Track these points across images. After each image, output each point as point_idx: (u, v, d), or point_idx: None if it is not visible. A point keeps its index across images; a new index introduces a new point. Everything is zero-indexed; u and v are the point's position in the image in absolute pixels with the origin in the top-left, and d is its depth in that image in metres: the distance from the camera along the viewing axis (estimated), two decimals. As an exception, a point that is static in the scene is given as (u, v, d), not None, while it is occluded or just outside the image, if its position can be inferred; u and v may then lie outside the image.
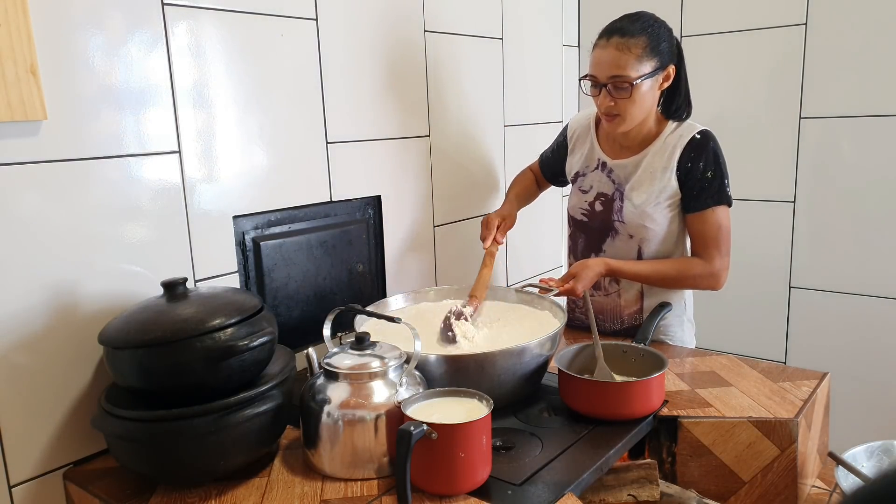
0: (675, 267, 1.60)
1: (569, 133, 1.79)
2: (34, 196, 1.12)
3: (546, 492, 1.05)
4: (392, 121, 1.75)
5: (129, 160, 1.24)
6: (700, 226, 1.57)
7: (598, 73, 1.49)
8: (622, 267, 1.57)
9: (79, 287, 1.19)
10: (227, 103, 1.38)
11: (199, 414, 1.04)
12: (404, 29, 1.75)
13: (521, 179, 1.93)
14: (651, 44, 1.46)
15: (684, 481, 1.29)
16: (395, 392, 1.10)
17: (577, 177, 1.72)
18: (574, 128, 1.78)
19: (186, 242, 1.34)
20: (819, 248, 2.13)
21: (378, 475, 1.11)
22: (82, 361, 1.21)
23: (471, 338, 1.39)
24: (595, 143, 1.69)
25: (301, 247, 1.57)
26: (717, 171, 1.54)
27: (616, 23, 1.49)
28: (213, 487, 1.10)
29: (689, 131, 1.56)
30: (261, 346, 1.08)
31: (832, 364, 2.04)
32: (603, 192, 1.65)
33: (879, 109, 1.97)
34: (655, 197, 1.57)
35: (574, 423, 1.26)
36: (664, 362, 1.28)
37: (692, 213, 1.57)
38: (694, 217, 1.58)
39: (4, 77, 1.03)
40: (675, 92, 1.57)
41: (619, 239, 1.64)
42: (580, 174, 1.71)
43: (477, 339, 1.40)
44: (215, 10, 1.34)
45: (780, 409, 1.28)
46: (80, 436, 1.22)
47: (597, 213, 1.67)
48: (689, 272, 1.58)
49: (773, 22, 2.09)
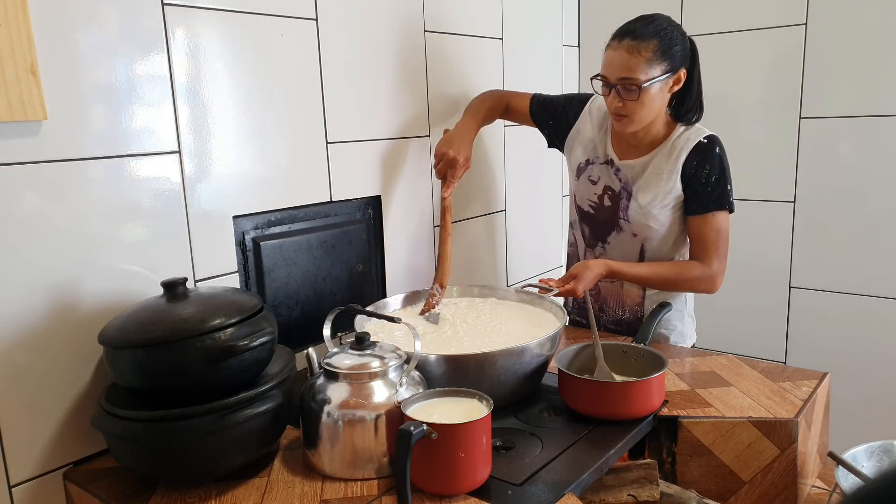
0: (674, 270, 1.61)
1: (589, 108, 1.74)
2: (34, 196, 1.12)
3: (546, 492, 1.05)
4: (392, 121, 1.75)
5: (129, 160, 1.24)
6: (700, 229, 1.58)
7: (609, 73, 1.50)
8: (622, 269, 1.58)
9: (79, 287, 1.19)
10: (227, 103, 1.38)
11: (199, 414, 1.03)
12: (404, 29, 1.75)
13: (487, 100, 1.83)
14: (662, 47, 1.47)
15: (684, 481, 1.29)
16: (395, 392, 1.10)
17: (587, 164, 1.71)
18: (596, 108, 1.72)
19: (186, 242, 1.34)
20: (819, 248, 2.13)
21: (378, 475, 1.11)
22: (82, 361, 1.21)
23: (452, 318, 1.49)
24: (609, 137, 1.68)
25: (301, 247, 1.57)
26: (720, 176, 1.55)
27: (630, 24, 1.50)
28: (213, 487, 1.10)
29: (696, 135, 1.57)
30: (261, 346, 1.08)
31: (832, 364, 2.03)
32: (610, 187, 1.66)
33: (879, 109, 1.97)
34: (661, 199, 1.58)
35: (574, 423, 1.26)
36: (664, 362, 1.28)
37: (693, 215, 1.59)
38: (695, 220, 1.59)
39: (4, 77, 1.03)
40: (687, 94, 1.57)
41: (624, 235, 1.66)
42: (590, 161, 1.70)
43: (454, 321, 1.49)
44: (215, 10, 1.34)
45: (780, 409, 1.28)
46: (80, 436, 1.22)
47: (605, 207, 1.68)
48: (688, 275, 1.60)
49: (773, 22, 2.09)
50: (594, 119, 1.73)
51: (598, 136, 1.71)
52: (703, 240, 1.58)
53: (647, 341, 1.44)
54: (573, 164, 1.75)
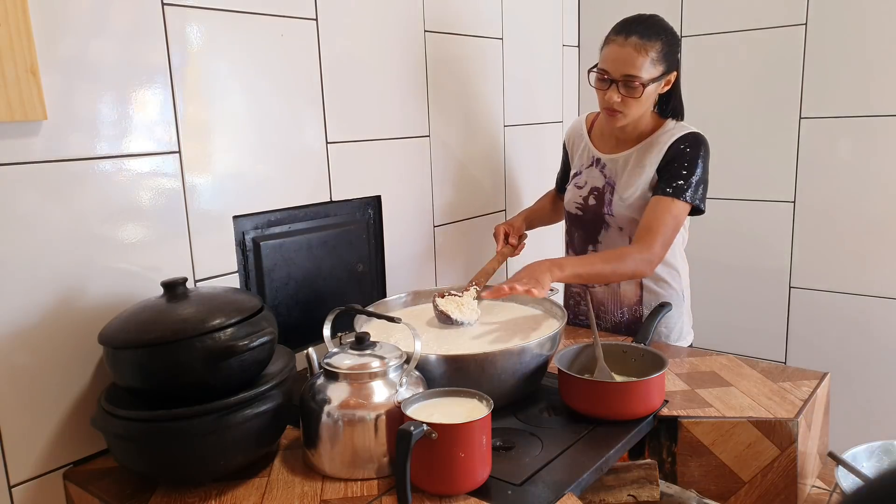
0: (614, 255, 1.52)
1: (567, 144, 1.85)
2: (34, 196, 1.12)
3: (546, 492, 1.05)
4: (392, 121, 1.75)
5: (129, 160, 1.24)
6: (654, 208, 1.54)
7: (612, 68, 1.52)
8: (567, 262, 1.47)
9: (78, 287, 1.19)
10: (227, 103, 1.38)
11: (199, 414, 1.03)
12: (404, 29, 1.75)
13: (540, 199, 1.99)
14: (665, 49, 1.51)
15: (684, 481, 1.29)
16: (395, 392, 1.10)
17: (575, 175, 1.77)
18: (569, 136, 1.84)
19: (186, 242, 1.34)
20: (819, 248, 2.12)
21: (378, 475, 1.11)
22: (82, 361, 1.21)
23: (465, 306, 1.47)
24: (588, 142, 1.74)
25: (301, 247, 1.57)
26: (691, 168, 1.54)
27: (634, 24, 1.51)
28: (213, 487, 1.10)
29: (681, 131, 1.60)
30: (261, 346, 1.08)
31: (832, 364, 2.04)
32: (595, 187, 1.69)
33: (879, 109, 1.97)
34: (643, 190, 1.60)
35: (574, 423, 1.26)
36: (664, 362, 1.28)
37: (656, 195, 1.56)
38: (656, 199, 1.55)
39: (4, 77, 1.03)
40: (672, 94, 1.63)
41: (612, 231, 1.68)
42: (578, 173, 1.76)
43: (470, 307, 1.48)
44: (215, 10, 1.34)
45: (780, 410, 1.28)
46: (80, 436, 1.22)
47: (590, 206, 1.71)
48: (628, 259, 1.50)
49: (773, 22, 2.09)
50: (573, 139, 1.81)
51: (581, 146, 1.76)
52: (655, 220, 1.52)
53: (647, 341, 1.44)
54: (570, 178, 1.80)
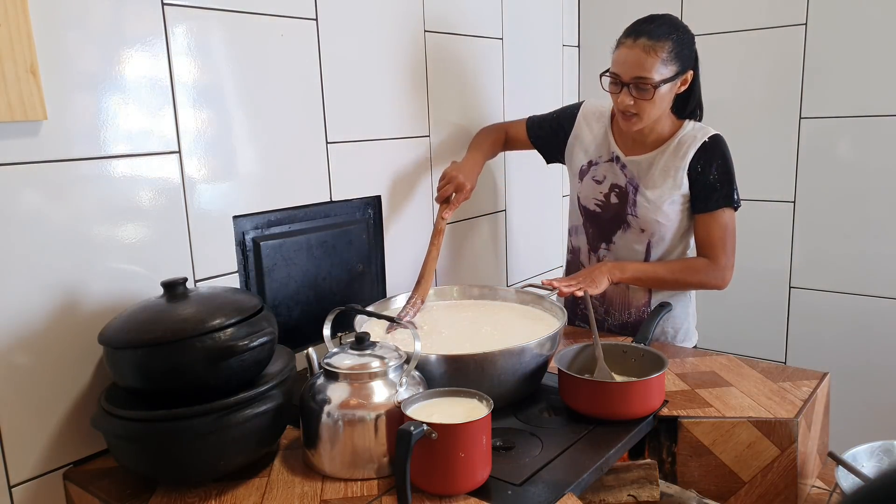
0: (684, 266, 1.64)
1: (582, 113, 1.77)
2: (34, 196, 1.12)
3: (546, 492, 1.05)
4: (392, 121, 1.75)
5: (129, 160, 1.24)
6: (707, 226, 1.61)
7: (622, 72, 1.51)
8: (629, 266, 1.62)
9: (79, 287, 1.19)
10: (226, 103, 1.38)
11: (199, 414, 1.03)
12: (404, 29, 1.75)
13: (490, 134, 1.88)
14: (676, 49, 1.49)
15: (684, 481, 1.29)
16: (395, 392, 1.10)
17: (589, 165, 1.73)
18: (590, 111, 1.76)
19: (186, 242, 1.34)
20: (819, 248, 2.13)
21: (378, 475, 1.11)
22: (82, 361, 1.21)
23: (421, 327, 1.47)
24: (610, 135, 1.70)
25: (301, 247, 1.57)
26: (725, 175, 1.58)
27: (644, 25, 1.51)
28: (213, 487, 1.10)
29: (702, 134, 1.59)
30: (261, 346, 1.08)
31: (832, 364, 2.03)
32: (617, 184, 1.68)
33: (879, 109, 1.97)
34: (669, 194, 1.60)
35: (574, 423, 1.26)
36: (664, 362, 1.28)
37: (700, 213, 1.61)
38: (702, 217, 1.61)
39: (4, 77, 1.03)
40: (691, 94, 1.60)
41: (631, 232, 1.67)
42: (593, 163, 1.72)
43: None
44: (215, 10, 1.34)
45: (780, 409, 1.28)
46: (80, 436, 1.22)
47: (611, 204, 1.69)
48: (698, 272, 1.62)
49: (773, 22, 2.09)
50: (590, 122, 1.75)
51: (599, 136, 1.72)
52: (711, 237, 1.60)
53: (647, 341, 1.44)
54: (575, 169, 1.76)
